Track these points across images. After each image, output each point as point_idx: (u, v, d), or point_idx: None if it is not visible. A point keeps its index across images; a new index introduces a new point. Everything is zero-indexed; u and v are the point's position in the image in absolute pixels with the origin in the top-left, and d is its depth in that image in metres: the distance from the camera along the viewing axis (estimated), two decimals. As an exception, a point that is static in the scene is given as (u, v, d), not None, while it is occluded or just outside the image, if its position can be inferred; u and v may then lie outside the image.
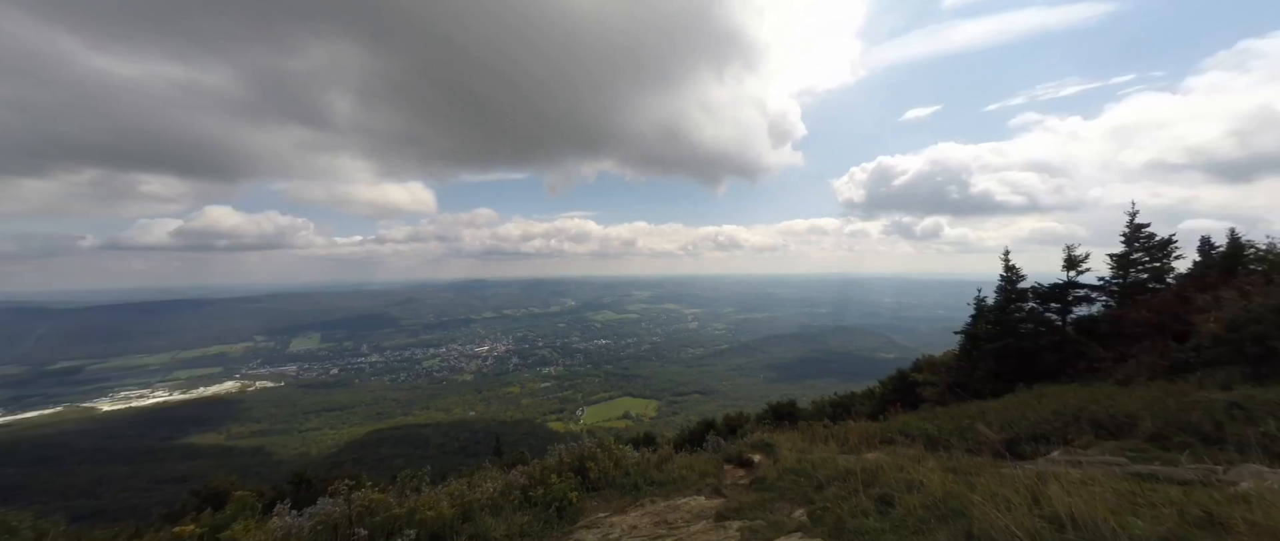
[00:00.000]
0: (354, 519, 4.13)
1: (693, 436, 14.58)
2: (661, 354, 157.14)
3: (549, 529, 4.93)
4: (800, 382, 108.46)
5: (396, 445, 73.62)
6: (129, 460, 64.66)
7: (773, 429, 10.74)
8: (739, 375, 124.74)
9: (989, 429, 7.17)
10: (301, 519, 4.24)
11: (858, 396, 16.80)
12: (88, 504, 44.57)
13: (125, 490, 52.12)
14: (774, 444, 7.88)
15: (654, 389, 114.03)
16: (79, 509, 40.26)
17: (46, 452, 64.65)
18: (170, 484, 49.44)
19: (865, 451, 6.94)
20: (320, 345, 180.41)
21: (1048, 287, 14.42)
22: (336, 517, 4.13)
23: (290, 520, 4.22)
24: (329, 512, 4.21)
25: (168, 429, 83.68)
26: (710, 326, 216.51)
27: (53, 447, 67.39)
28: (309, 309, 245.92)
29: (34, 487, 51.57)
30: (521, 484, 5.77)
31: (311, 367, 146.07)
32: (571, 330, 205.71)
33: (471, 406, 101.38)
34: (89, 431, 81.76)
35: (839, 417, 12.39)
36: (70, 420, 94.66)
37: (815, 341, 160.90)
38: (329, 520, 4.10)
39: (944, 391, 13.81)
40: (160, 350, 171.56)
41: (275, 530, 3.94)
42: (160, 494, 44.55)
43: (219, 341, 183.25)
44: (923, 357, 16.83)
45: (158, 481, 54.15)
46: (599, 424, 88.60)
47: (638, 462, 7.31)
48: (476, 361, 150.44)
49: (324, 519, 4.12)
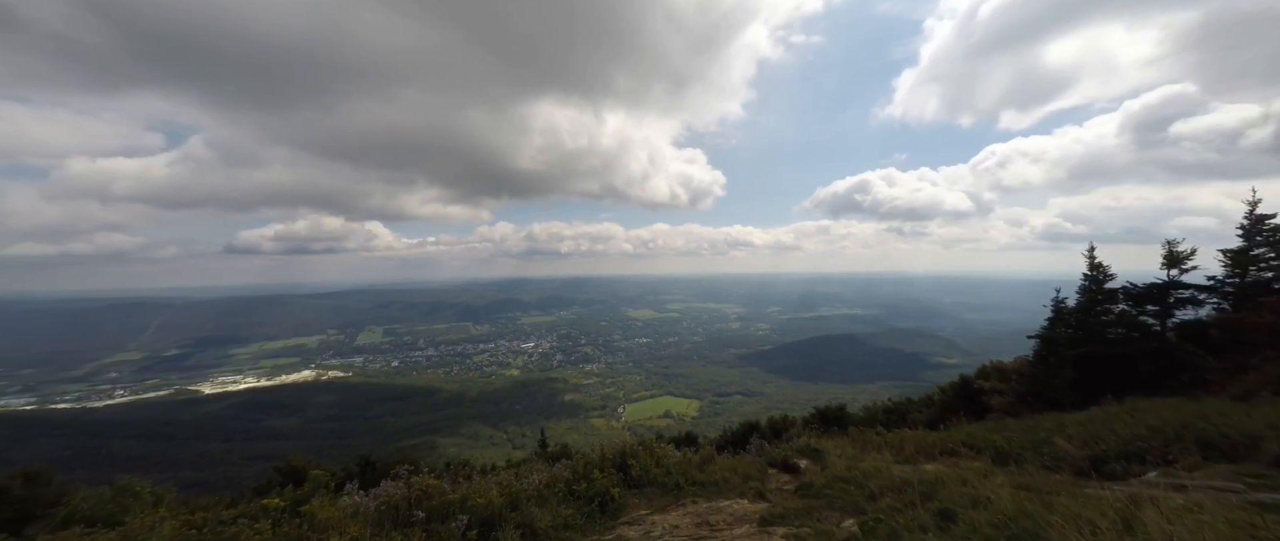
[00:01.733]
0: (412, 501, 4.42)
1: (735, 438, 14.30)
2: (703, 353, 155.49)
3: (592, 523, 5.02)
4: (850, 386, 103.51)
5: (451, 434, 78.06)
6: (225, 438, 72.96)
7: (820, 434, 10.31)
8: (784, 377, 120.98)
9: (1069, 443, 6.48)
10: (367, 498, 4.59)
11: (914, 403, 15.77)
12: (193, 475, 50.70)
13: (222, 464, 58.90)
14: (822, 450, 7.57)
15: (695, 388, 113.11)
16: (186, 479, 45.93)
17: (162, 429, 74.24)
18: (258, 460, 55.24)
19: (923, 462, 6.51)
20: (382, 339, 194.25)
21: (1143, 288, 12.77)
22: (397, 499, 4.43)
23: (358, 499, 4.59)
24: (391, 494, 4.53)
25: (255, 412, 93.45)
26: (753, 326, 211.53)
27: (166, 425, 77.29)
28: (372, 306, 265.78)
29: (153, 458, 59.43)
30: (566, 477, 5.91)
31: (375, 359, 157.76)
32: (613, 328, 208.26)
33: (518, 400, 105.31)
34: (194, 412, 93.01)
35: (893, 425, 11.66)
36: (179, 401, 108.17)
37: (866, 344, 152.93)
38: (391, 501, 4.41)
39: (1015, 401, 12.64)
40: (250, 341, 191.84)
41: (346, 507, 4.30)
42: (250, 469, 49.93)
43: (298, 334, 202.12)
44: (989, 363, 15.48)
45: (248, 457, 60.72)
46: (640, 422, 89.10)
47: (679, 462, 7.28)
48: (522, 357, 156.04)
49: (387, 499, 4.44)
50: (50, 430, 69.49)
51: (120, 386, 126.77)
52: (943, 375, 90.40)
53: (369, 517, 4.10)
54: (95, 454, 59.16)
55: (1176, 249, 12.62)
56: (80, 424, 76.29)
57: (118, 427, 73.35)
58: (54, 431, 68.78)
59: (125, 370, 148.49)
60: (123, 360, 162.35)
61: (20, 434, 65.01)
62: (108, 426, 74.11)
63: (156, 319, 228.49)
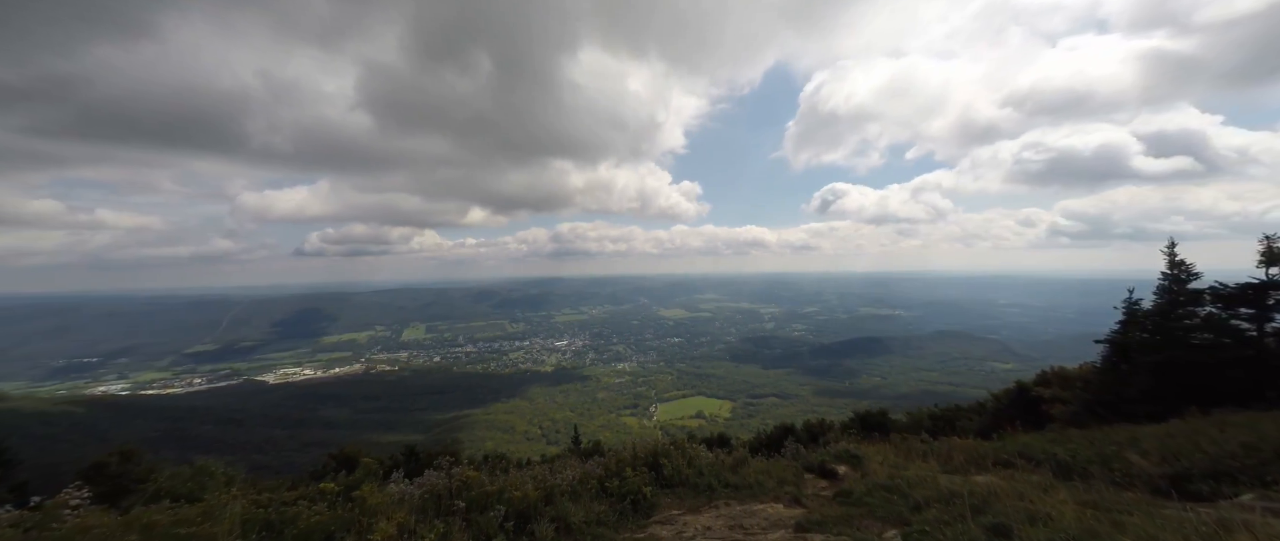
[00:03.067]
0: (453, 491, 4.61)
1: (770, 440, 13.97)
2: (736, 354, 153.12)
3: (624, 520, 5.06)
4: (892, 391, 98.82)
5: (488, 428, 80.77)
6: (287, 426, 78.71)
7: (860, 439, 9.91)
8: (821, 379, 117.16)
9: (1145, 459, 5.90)
10: (412, 487, 4.84)
11: (963, 410, 14.84)
12: (259, 458, 55.04)
13: (284, 449, 63.60)
14: (862, 456, 7.28)
15: (728, 389, 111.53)
16: (253, 462, 49.91)
17: (233, 415, 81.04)
18: (315, 447, 59.28)
19: (974, 473, 6.12)
20: (426, 335, 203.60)
21: (1236, 288, 11.39)
22: (439, 489, 4.64)
23: (403, 487, 4.85)
24: (434, 484, 4.76)
25: (312, 401, 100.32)
26: (788, 327, 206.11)
27: (237, 412, 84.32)
28: (416, 304, 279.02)
29: (225, 442, 64.98)
30: (598, 474, 5.99)
31: (419, 354, 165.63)
32: (645, 327, 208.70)
33: (553, 397, 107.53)
34: (260, 400, 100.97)
35: (940, 432, 11.01)
36: (247, 390, 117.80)
37: (912, 347, 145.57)
38: (433, 490, 4.63)
39: (1080, 410, 11.63)
40: (309, 336, 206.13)
41: (393, 494, 4.55)
42: (307, 454, 53.61)
43: (350, 330, 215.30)
44: (1050, 369, 14.32)
45: (306, 444, 65.23)
46: (672, 421, 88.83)
47: (712, 463, 7.21)
48: (556, 354, 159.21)
49: (430, 489, 4.67)
50: (140, 414, 77.53)
51: (198, 375, 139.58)
52: (995, 380, 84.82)
53: (414, 505, 4.32)
54: (177, 436, 65.46)
55: (1276, 245, 11.17)
56: (165, 409, 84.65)
57: (195, 413, 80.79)
58: (143, 415, 76.68)
59: (202, 360, 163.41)
60: (200, 351, 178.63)
61: (117, 416, 72.87)
62: (187, 411, 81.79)
63: (229, 314, 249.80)
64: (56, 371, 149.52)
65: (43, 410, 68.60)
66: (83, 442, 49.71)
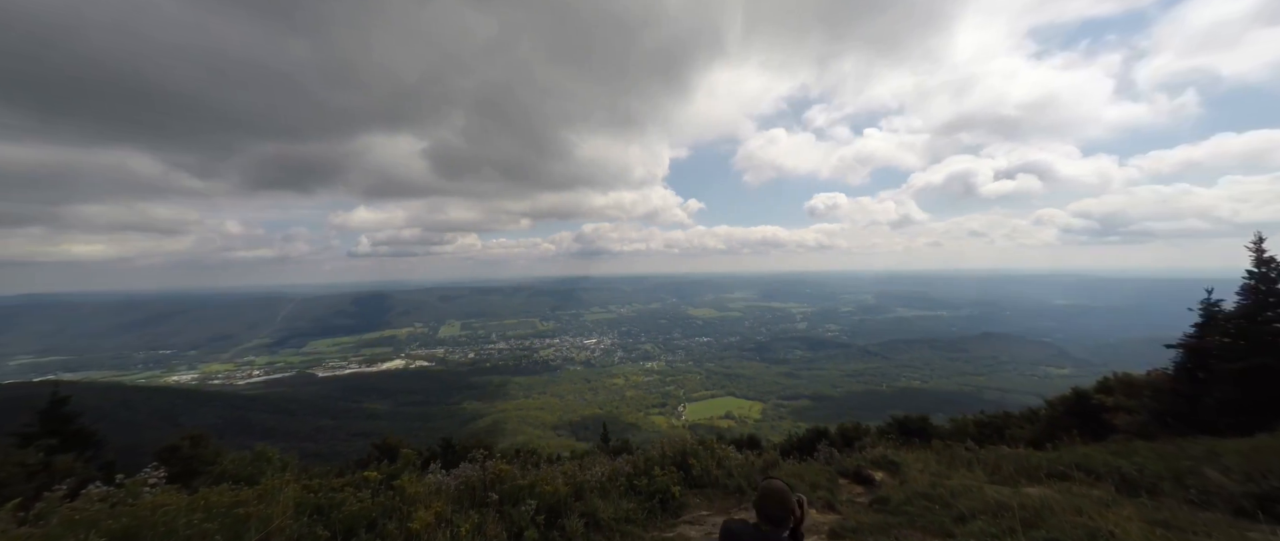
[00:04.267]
0: (487, 483, 4.75)
1: (802, 444, 13.60)
2: (766, 354, 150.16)
3: (653, 518, 5.06)
4: (933, 395, 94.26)
5: (520, 424, 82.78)
6: (334, 416, 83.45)
7: (898, 445, 9.48)
8: (855, 382, 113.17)
9: (1226, 477, 5.35)
10: (448, 478, 5.02)
11: (1014, 417, 13.91)
12: (310, 446, 58.55)
13: (332, 438, 67.47)
14: (901, 462, 6.99)
15: (758, 390, 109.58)
16: (305, 449, 53.17)
17: (287, 405, 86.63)
18: (359, 437, 62.57)
19: (1025, 484, 5.75)
20: (460, 332, 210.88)
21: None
22: (474, 481, 4.79)
23: (440, 478, 5.04)
24: (468, 476, 4.91)
25: (357, 394, 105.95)
26: (821, 327, 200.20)
27: (290, 402, 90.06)
28: (452, 301, 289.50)
29: (280, 430, 69.59)
30: (627, 472, 6.01)
31: (455, 351, 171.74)
32: (673, 326, 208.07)
33: (582, 394, 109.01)
34: (310, 391, 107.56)
35: (987, 440, 10.36)
36: (299, 381, 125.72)
37: (954, 348, 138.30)
38: (468, 482, 4.79)
39: (1148, 421, 10.68)
40: (353, 332, 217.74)
41: (430, 484, 4.74)
42: (353, 444, 56.64)
43: (390, 326, 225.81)
44: (1112, 375, 13.21)
45: (352, 434, 68.96)
46: (700, 421, 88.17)
47: (741, 464, 7.10)
48: (585, 352, 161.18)
49: (465, 480, 4.83)
50: (207, 402, 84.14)
51: (257, 368, 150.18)
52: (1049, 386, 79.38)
53: (450, 495, 4.47)
54: (238, 423, 70.64)
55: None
56: (227, 397, 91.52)
57: (254, 402, 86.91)
58: (209, 403, 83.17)
59: (260, 353, 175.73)
60: (258, 345, 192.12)
61: (187, 404, 79.43)
62: (247, 400, 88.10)
63: (284, 310, 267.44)
64: (138, 362, 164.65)
65: (126, 397, 75.74)
66: (159, 427, 54.53)
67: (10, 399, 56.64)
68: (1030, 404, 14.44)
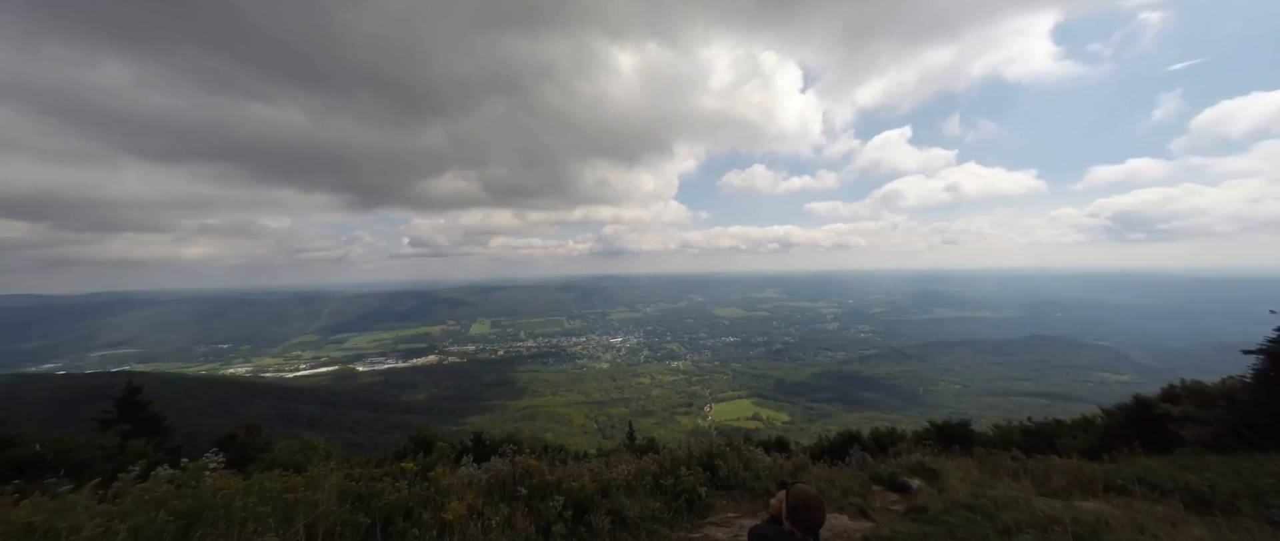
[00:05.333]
0: (516, 478, 4.86)
1: (832, 448, 13.20)
2: (795, 355, 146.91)
3: (679, 518, 5.04)
4: (974, 401, 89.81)
5: (547, 420, 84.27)
6: (373, 409, 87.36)
7: (937, 452, 9.07)
8: (890, 384, 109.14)
9: (1315, 496, 4.84)
10: (479, 471, 5.16)
11: (1066, 426, 13.01)
12: (351, 437, 61.58)
13: (371, 430, 70.66)
14: (940, 470, 6.69)
15: (786, 392, 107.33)
16: (346, 440, 55.99)
17: (330, 397, 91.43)
18: (396, 429, 65.28)
19: (1078, 498, 5.38)
20: (491, 330, 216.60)
21: None
22: (504, 475, 4.91)
23: (472, 471, 5.18)
24: (499, 470, 5.04)
25: (394, 388, 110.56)
26: (853, 328, 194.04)
27: (333, 394, 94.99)
28: (481, 301, 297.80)
29: (324, 421, 73.43)
30: (653, 471, 6.01)
31: (485, 348, 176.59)
32: (699, 326, 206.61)
33: (608, 392, 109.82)
34: (351, 385, 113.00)
35: (1035, 449, 9.74)
36: (341, 375, 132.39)
37: (998, 351, 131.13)
38: (499, 476, 4.90)
39: (1222, 433, 9.75)
40: (390, 328, 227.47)
41: (463, 476, 4.88)
42: (390, 436, 59.15)
43: (425, 323, 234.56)
44: (1180, 383, 12.12)
45: (389, 426, 72.00)
46: (727, 422, 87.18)
47: (769, 467, 6.98)
48: (611, 352, 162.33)
49: (495, 474, 4.95)
50: (259, 393, 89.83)
51: (303, 362, 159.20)
52: (1107, 393, 74.17)
53: (481, 488, 4.60)
54: (287, 414, 75.06)
55: None
56: (277, 389, 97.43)
57: (301, 394, 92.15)
58: (261, 394, 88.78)
59: (306, 348, 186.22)
60: (304, 341, 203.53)
61: (242, 395, 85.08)
62: (294, 393, 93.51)
63: (327, 307, 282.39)
64: (199, 355, 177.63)
65: (189, 387, 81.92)
66: (217, 416, 58.71)
67: (92, 387, 62.27)
68: (1084, 411, 13.47)
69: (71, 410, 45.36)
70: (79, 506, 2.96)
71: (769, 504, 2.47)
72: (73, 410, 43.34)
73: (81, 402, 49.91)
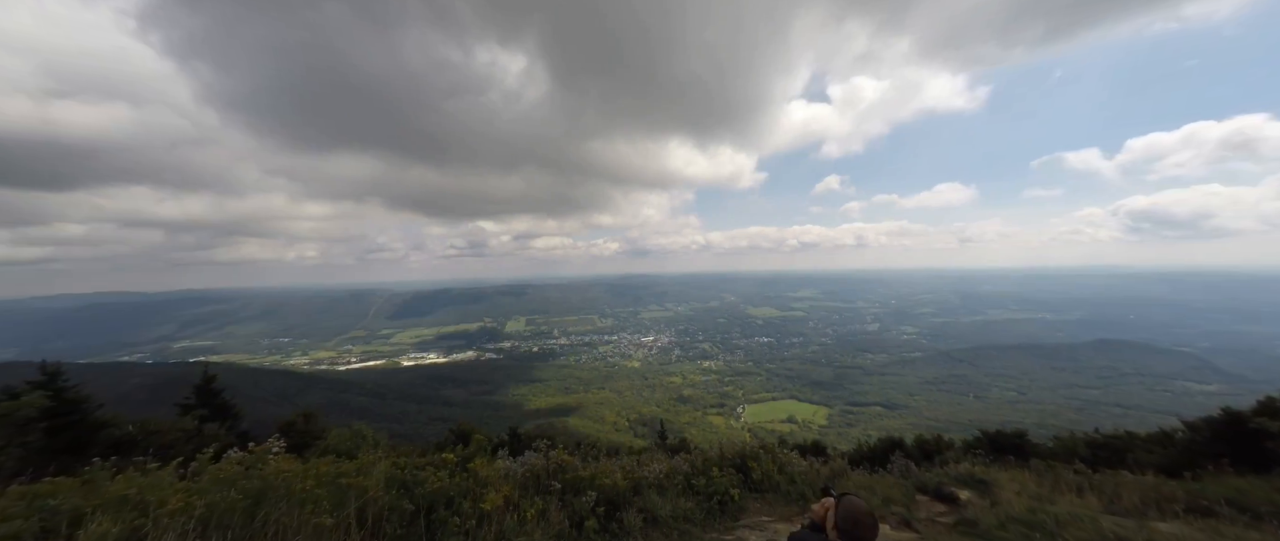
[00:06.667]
0: (550, 472, 4.96)
1: (873, 454, 12.67)
2: (832, 357, 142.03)
3: (712, 520, 4.99)
4: (1033, 409, 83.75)
5: (579, 417, 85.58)
6: (416, 401, 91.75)
7: (989, 462, 8.52)
8: (937, 390, 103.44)
9: None
10: (515, 464, 5.31)
11: (1140, 439, 11.88)
12: (396, 427, 64.91)
13: (414, 421, 74.25)
14: (992, 481, 6.29)
15: (823, 394, 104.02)
16: (392, 430, 58.93)
17: (377, 389, 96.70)
18: (437, 422, 68.26)
19: (1154, 519, 4.91)
20: (525, 328, 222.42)
21: None
22: (539, 469, 5.03)
23: (508, 464, 5.34)
24: (533, 463, 5.16)
25: (435, 383, 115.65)
26: (895, 329, 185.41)
27: (380, 386, 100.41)
28: (517, 299, 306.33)
29: (372, 411, 77.79)
30: (684, 471, 5.98)
31: (521, 345, 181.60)
32: (732, 325, 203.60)
33: (640, 391, 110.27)
34: (397, 378, 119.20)
35: (1103, 463, 8.94)
36: (388, 369, 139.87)
37: (1060, 355, 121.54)
38: (533, 469, 5.03)
39: (1331, 453, 8.63)
40: (432, 325, 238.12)
41: (499, 469, 5.04)
42: (432, 428, 61.94)
43: (463, 321, 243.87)
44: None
45: (431, 419, 75.37)
46: (760, 424, 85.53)
47: (805, 471, 6.80)
48: (643, 350, 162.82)
49: (530, 468, 5.08)
50: (314, 384, 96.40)
51: (353, 355, 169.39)
52: (1189, 405, 67.38)
53: (517, 481, 4.73)
54: (339, 404, 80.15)
55: None
56: (330, 381, 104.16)
57: (351, 385, 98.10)
58: (316, 385, 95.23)
59: (356, 343, 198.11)
60: (354, 336, 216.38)
61: (300, 385, 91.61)
62: (345, 384, 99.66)
63: (374, 306, 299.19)
64: (264, 347, 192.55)
65: (255, 377, 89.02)
66: (278, 404, 63.49)
67: (174, 376, 68.75)
68: (1162, 424, 12.25)
69: (158, 396, 50.40)
70: (164, 482, 3.29)
71: (810, 509, 2.35)
72: (159, 396, 48.12)
73: (165, 389, 55.39)
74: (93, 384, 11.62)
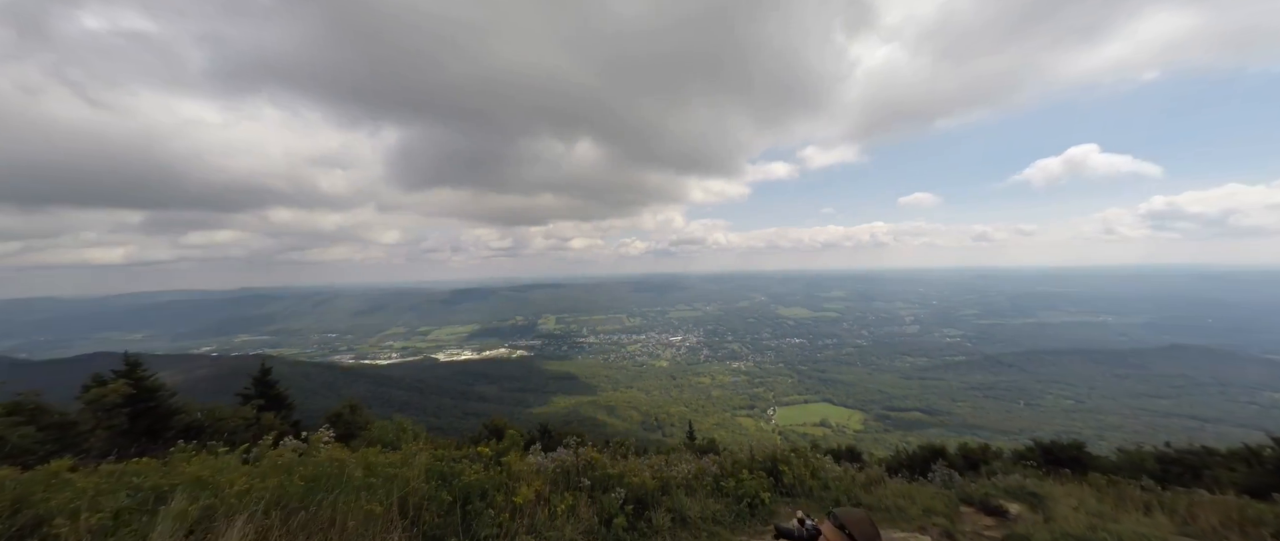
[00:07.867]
0: (580, 469, 5.05)
1: (913, 461, 12.12)
2: (868, 359, 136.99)
3: (741, 522, 4.94)
4: (1091, 418, 77.90)
5: (608, 414, 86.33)
6: (452, 396, 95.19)
7: (1042, 474, 7.99)
8: (982, 396, 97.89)
9: None
10: (546, 460, 5.43)
11: (1218, 455, 10.82)
12: (434, 421, 67.53)
13: (451, 415, 77.04)
14: (1046, 496, 5.91)
15: (858, 398, 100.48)
16: (430, 423, 61.27)
17: (416, 384, 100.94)
18: (472, 416, 70.55)
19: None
20: (556, 326, 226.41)
21: None
22: (569, 465, 5.12)
23: (540, 459, 5.47)
24: (563, 460, 5.27)
25: (469, 378, 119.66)
26: (936, 332, 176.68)
27: (419, 381, 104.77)
28: (548, 298, 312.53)
29: (411, 405, 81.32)
30: (713, 472, 5.94)
31: (551, 343, 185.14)
32: (761, 325, 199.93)
33: (668, 390, 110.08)
34: (433, 374, 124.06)
35: (1174, 481, 8.20)
36: (425, 365, 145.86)
37: (1124, 362, 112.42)
38: (564, 465, 5.13)
39: None
40: (466, 322, 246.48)
41: (531, 464, 5.17)
42: (466, 422, 64.06)
43: (496, 318, 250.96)
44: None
45: (466, 414, 78.00)
46: (792, 427, 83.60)
47: (839, 477, 6.61)
48: (671, 350, 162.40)
49: (560, 464, 5.18)
50: (359, 377, 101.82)
51: (394, 351, 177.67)
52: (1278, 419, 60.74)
53: (548, 476, 4.85)
54: (381, 397, 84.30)
55: None
56: (373, 375, 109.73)
57: (391, 380, 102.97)
58: (361, 378, 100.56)
59: (396, 339, 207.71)
60: (393, 333, 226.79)
61: (347, 379, 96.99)
62: (386, 379, 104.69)
63: (410, 303, 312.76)
64: (313, 342, 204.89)
65: (305, 370, 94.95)
66: (326, 395, 67.40)
67: (235, 368, 74.25)
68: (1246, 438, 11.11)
69: (222, 385, 54.57)
70: (231, 466, 3.59)
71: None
72: (223, 385, 52.07)
73: (228, 379, 59.95)
74: (167, 372, 12.75)
